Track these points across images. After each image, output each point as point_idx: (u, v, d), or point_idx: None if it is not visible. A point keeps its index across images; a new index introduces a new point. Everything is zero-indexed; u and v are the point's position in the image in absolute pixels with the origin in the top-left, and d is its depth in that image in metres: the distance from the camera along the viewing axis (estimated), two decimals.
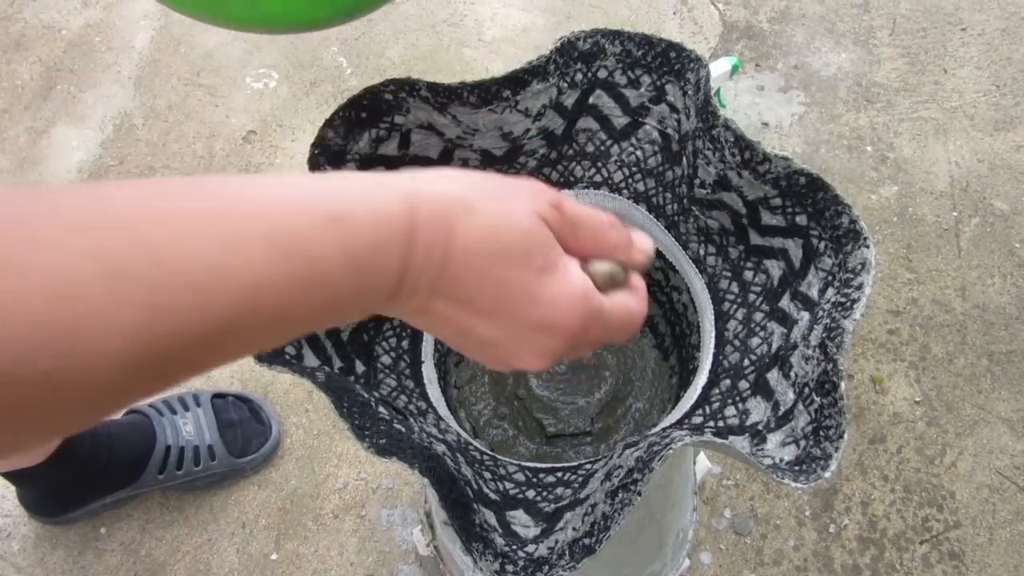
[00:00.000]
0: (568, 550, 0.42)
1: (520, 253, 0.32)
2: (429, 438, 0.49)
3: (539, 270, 0.33)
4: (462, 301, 0.32)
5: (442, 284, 0.31)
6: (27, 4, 1.62)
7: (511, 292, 0.32)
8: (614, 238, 0.37)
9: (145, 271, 0.23)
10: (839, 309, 0.45)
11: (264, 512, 1.06)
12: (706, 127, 0.53)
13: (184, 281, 0.24)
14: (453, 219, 0.31)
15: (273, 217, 0.27)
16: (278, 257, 0.26)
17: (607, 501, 0.42)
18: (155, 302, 0.23)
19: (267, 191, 0.28)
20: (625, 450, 0.45)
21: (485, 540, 0.44)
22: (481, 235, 0.31)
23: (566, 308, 0.33)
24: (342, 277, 0.28)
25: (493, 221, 0.32)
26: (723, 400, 0.54)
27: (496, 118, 0.57)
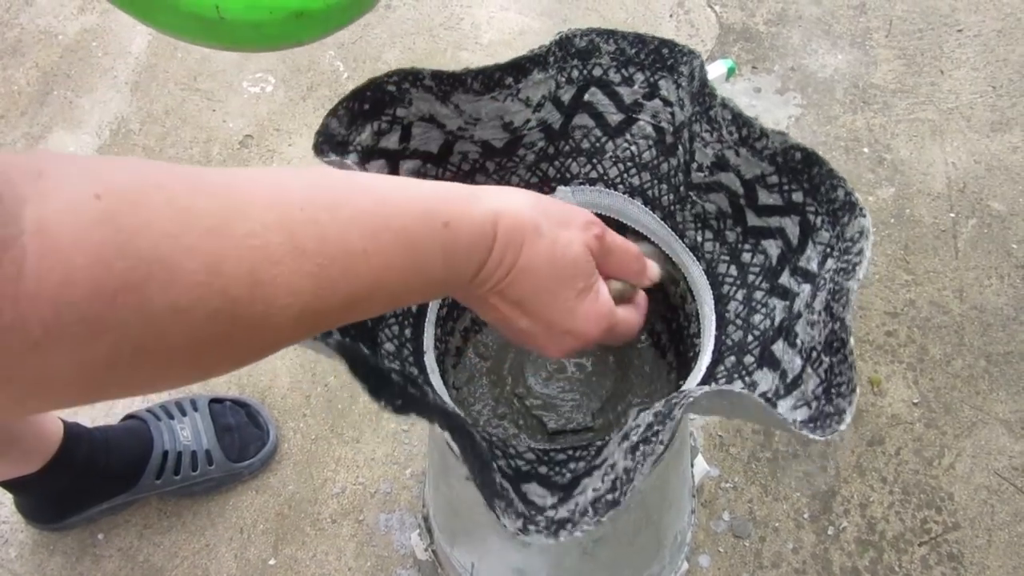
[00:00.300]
0: (591, 507, 0.41)
1: (569, 276, 0.42)
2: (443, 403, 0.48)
3: (579, 291, 0.42)
4: (515, 301, 0.41)
5: (504, 286, 0.40)
6: (23, 9, 1.62)
7: (555, 303, 0.42)
8: (635, 267, 0.48)
9: (315, 248, 0.30)
10: (841, 274, 0.45)
11: (262, 517, 1.06)
12: (703, 109, 0.53)
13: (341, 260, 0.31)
14: (524, 236, 0.39)
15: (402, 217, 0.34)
16: (402, 250, 0.34)
17: (627, 457, 0.41)
18: (319, 272, 0.30)
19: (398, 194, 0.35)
20: (640, 413, 0.45)
21: (507, 499, 0.43)
22: (543, 255, 0.40)
23: (594, 323, 0.43)
24: (439, 270, 0.37)
25: (554, 246, 0.41)
26: (729, 376, 0.54)
27: (498, 106, 0.58)
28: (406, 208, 0.35)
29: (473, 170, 0.62)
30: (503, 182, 0.63)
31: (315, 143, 0.50)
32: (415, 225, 0.35)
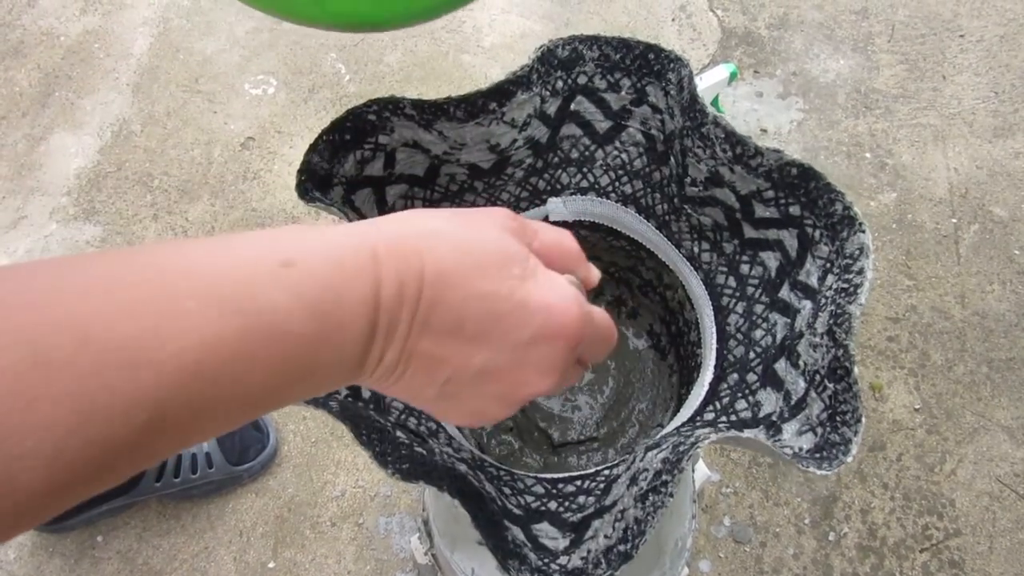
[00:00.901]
0: (604, 558, 0.41)
1: (497, 263, 0.30)
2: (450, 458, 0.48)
3: (521, 278, 0.30)
4: (450, 329, 0.29)
5: (425, 314, 0.29)
6: (25, 11, 1.62)
7: (500, 306, 0.30)
8: (575, 250, 0.36)
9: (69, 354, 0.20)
10: (843, 295, 0.45)
11: (262, 520, 1.06)
12: (695, 125, 0.53)
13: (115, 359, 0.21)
14: (420, 246, 0.29)
15: (213, 272, 0.24)
16: (221, 314, 0.23)
17: (637, 505, 0.41)
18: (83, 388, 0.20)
19: (207, 248, 0.25)
20: (647, 453, 0.45)
21: (520, 556, 0.43)
22: (453, 254, 0.29)
23: (561, 309, 0.31)
24: (302, 324, 0.25)
25: (461, 239, 0.30)
26: (732, 394, 0.54)
27: (483, 131, 0.57)
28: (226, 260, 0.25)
29: (462, 190, 0.61)
30: (493, 199, 0.63)
31: (298, 183, 0.49)
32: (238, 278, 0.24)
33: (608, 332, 0.35)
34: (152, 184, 1.38)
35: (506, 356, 0.30)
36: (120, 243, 1.32)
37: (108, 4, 1.62)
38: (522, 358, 0.31)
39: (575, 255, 0.35)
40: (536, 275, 0.31)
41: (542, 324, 0.30)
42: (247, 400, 0.25)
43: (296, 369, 0.26)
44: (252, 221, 1.34)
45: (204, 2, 1.62)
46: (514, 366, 0.31)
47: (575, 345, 0.32)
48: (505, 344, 0.30)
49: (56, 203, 1.37)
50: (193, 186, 1.38)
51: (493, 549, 0.41)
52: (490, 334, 0.30)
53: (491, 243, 0.30)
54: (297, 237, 0.27)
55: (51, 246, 1.32)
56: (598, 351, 0.35)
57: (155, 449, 0.23)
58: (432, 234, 0.29)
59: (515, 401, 0.32)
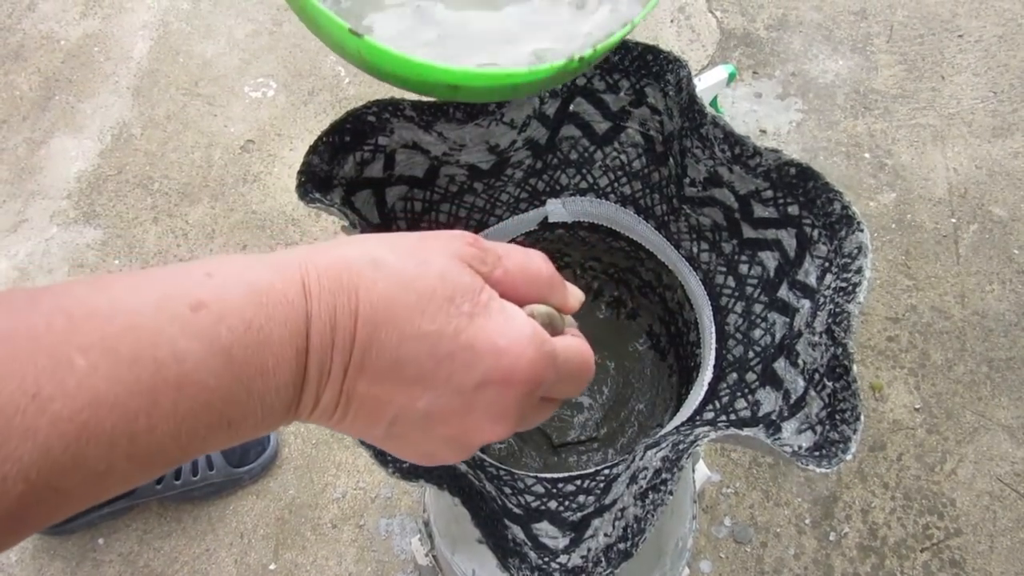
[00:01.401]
0: (604, 556, 0.41)
1: (443, 298, 0.27)
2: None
3: (470, 315, 0.27)
4: (388, 372, 0.27)
5: (360, 357, 0.26)
6: (26, 15, 1.62)
7: (443, 347, 0.27)
8: (547, 274, 0.32)
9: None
10: (841, 294, 0.45)
11: (262, 522, 1.06)
12: (693, 126, 0.53)
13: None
14: (357, 278, 0.26)
15: (117, 319, 0.21)
16: (117, 368, 0.21)
17: (637, 503, 0.41)
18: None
19: (123, 286, 0.23)
20: (647, 451, 0.45)
21: (520, 555, 0.43)
22: (392, 290, 0.26)
23: (513, 351, 0.28)
24: (215, 374, 0.23)
25: (404, 270, 0.27)
26: (732, 393, 0.54)
27: (482, 132, 0.57)
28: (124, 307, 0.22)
29: (461, 191, 0.62)
30: (492, 200, 0.63)
31: (298, 185, 0.49)
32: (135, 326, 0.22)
33: (580, 368, 0.32)
34: (152, 187, 1.39)
35: (452, 400, 0.28)
36: (120, 246, 1.32)
37: (108, 8, 1.63)
38: (469, 403, 0.28)
39: (545, 280, 0.32)
40: (489, 311, 0.28)
41: (491, 368, 0.27)
42: (154, 457, 0.22)
43: (211, 421, 0.23)
44: (252, 223, 1.34)
45: (204, 5, 1.62)
46: (461, 411, 0.28)
47: (530, 390, 0.29)
48: (449, 388, 0.27)
49: (57, 206, 1.37)
50: (193, 189, 1.38)
51: (493, 548, 0.41)
52: (433, 377, 0.27)
53: (437, 276, 0.27)
54: (215, 271, 0.24)
55: (52, 249, 1.32)
56: (568, 389, 0.32)
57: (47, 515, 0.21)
58: (371, 266, 0.27)
59: (467, 446, 0.30)
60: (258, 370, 0.24)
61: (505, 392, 0.28)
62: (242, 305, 0.24)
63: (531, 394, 0.29)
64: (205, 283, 0.24)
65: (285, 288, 0.25)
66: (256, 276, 0.25)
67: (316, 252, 0.27)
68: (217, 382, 0.23)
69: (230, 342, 0.23)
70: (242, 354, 0.23)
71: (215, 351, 0.23)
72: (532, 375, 0.28)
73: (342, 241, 0.28)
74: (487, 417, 0.28)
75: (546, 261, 0.32)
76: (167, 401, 0.22)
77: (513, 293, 0.30)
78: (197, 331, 0.23)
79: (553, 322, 0.32)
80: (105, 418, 0.21)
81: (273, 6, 1.61)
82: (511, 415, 0.29)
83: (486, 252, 0.30)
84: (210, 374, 0.23)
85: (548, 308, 0.32)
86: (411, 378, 0.27)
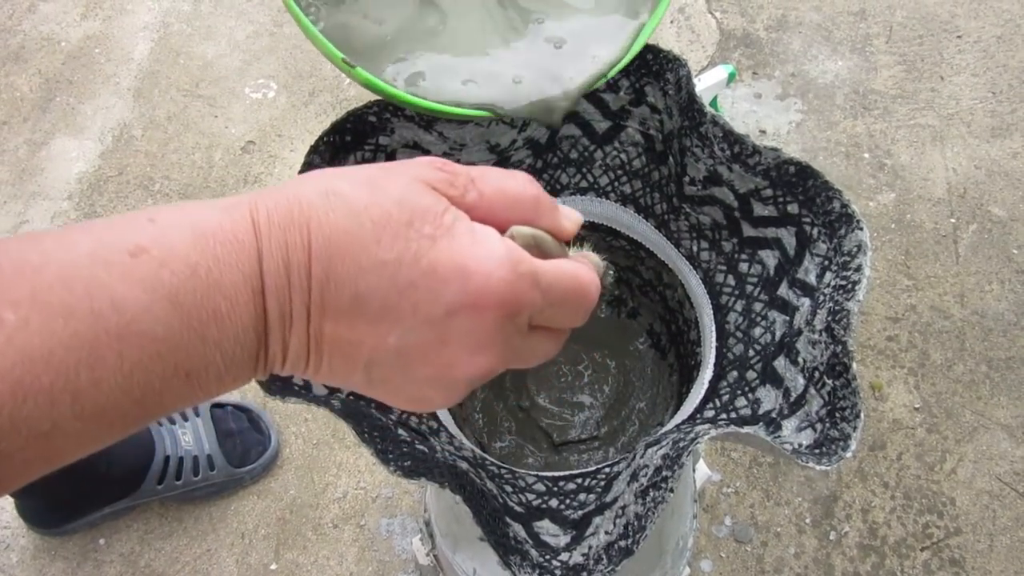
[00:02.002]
0: (605, 554, 0.42)
1: (399, 224, 0.25)
2: (452, 456, 0.49)
3: (432, 238, 0.25)
4: (351, 308, 0.24)
5: (320, 293, 0.24)
6: (26, 16, 1.63)
7: (403, 274, 0.24)
8: (530, 194, 0.28)
9: None
10: (841, 292, 0.45)
11: (263, 522, 1.06)
12: (693, 124, 0.53)
13: None
14: (308, 211, 0.24)
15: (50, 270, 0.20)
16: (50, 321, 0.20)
17: (638, 501, 0.42)
18: None
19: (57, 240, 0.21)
20: (647, 449, 0.45)
21: (522, 553, 0.44)
22: (345, 221, 0.24)
23: (481, 271, 0.25)
24: (160, 323, 0.21)
25: (358, 199, 0.25)
26: (732, 391, 0.55)
27: (483, 131, 0.58)
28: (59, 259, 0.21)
29: None
30: None
31: None
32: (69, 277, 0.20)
33: (572, 291, 0.28)
34: (153, 188, 1.39)
35: (423, 333, 0.25)
36: None
37: (109, 9, 1.63)
38: (442, 334, 0.25)
39: (529, 202, 0.28)
40: (453, 233, 0.25)
41: (458, 293, 0.25)
42: (106, 414, 0.21)
43: (164, 373, 0.22)
44: None
45: (204, 7, 1.63)
46: (436, 344, 0.26)
47: (510, 313, 0.26)
48: (417, 320, 0.25)
49: (58, 207, 1.37)
50: (194, 190, 1.38)
51: (495, 546, 0.41)
52: (397, 309, 0.25)
53: (393, 201, 0.25)
54: (158, 217, 0.23)
55: None
56: (566, 314, 0.29)
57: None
58: (323, 197, 0.25)
59: (452, 384, 0.27)
60: (210, 315, 0.22)
61: (478, 318, 0.25)
62: (187, 248, 0.22)
63: (511, 319, 0.26)
64: (145, 228, 0.22)
65: (234, 228, 0.23)
66: (202, 218, 0.23)
67: (269, 190, 0.25)
68: (165, 331, 0.21)
69: (175, 287, 0.22)
70: (190, 299, 0.22)
71: (158, 298, 0.21)
72: (506, 297, 0.25)
73: (299, 178, 0.26)
74: (465, 348, 0.26)
75: (531, 182, 0.29)
76: (110, 354, 0.20)
77: (492, 218, 0.27)
78: (138, 278, 0.21)
79: (542, 245, 0.29)
80: (41, 374, 0.19)
81: (273, 8, 1.61)
82: (493, 344, 0.26)
83: (456, 175, 0.27)
84: (156, 322, 0.21)
85: (534, 230, 0.29)
86: (376, 314, 0.25)
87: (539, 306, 0.27)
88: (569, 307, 0.28)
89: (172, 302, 0.21)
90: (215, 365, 0.23)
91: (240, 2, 1.63)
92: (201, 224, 0.23)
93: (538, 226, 0.29)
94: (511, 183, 0.28)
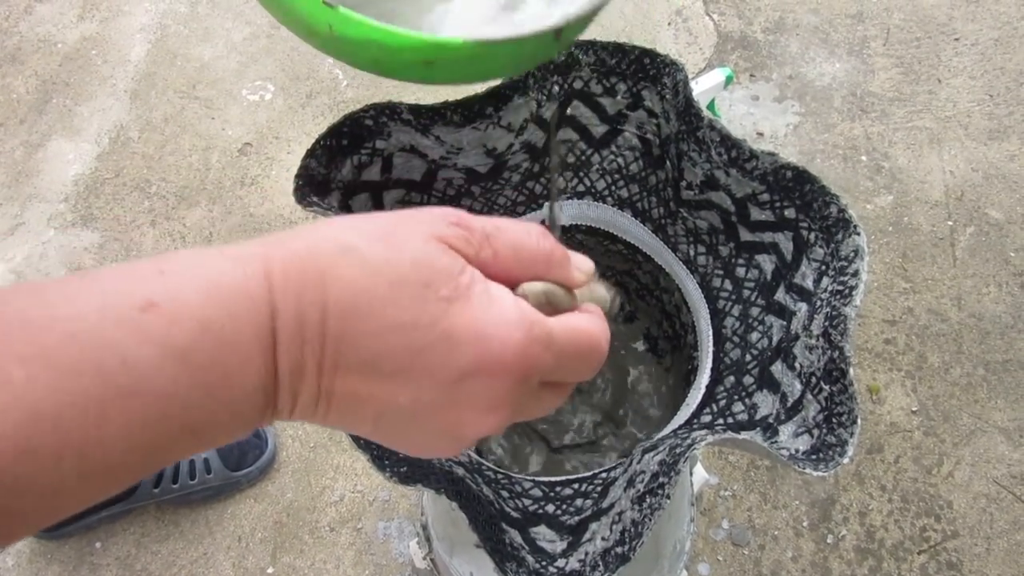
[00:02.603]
0: (601, 560, 0.42)
1: (416, 285, 0.25)
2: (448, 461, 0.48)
3: (448, 300, 0.25)
4: (365, 366, 0.25)
5: (334, 352, 0.24)
6: (23, 18, 1.62)
7: (418, 337, 0.25)
8: (545, 250, 0.29)
9: None
10: (838, 297, 0.45)
11: (260, 525, 1.06)
12: (690, 129, 0.53)
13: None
14: (323, 268, 0.24)
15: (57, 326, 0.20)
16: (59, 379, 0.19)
17: (634, 507, 0.42)
18: None
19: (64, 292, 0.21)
20: (644, 455, 0.45)
21: (518, 559, 0.43)
22: (362, 279, 0.24)
23: (498, 337, 0.25)
24: (169, 380, 0.21)
25: (373, 256, 0.25)
26: (729, 396, 0.54)
27: (480, 135, 0.57)
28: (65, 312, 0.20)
29: (459, 195, 0.62)
30: (490, 204, 0.64)
31: (295, 188, 0.49)
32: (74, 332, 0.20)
33: (584, 349, 0.28)
34: (150, 190, 1.39)
35: (435, 395, 0.26)
36: (118, 249, 1.32)
37: (106, 11, 1.63)
38: (454, 396, 0.26)
39: (543, 258, 0.29)
40: (470, 295, 0.26)
41: (473, 359, 0.25)
42: (112, 472, 0.21)
43: (170, 432, 0.22)
44: (250, 226, 1.34)
45: (201, 9, 1.62)
46: (447, 405, 0.26)
47: (524, 377, 0.26)
48: (431, 382, 0.25)
49: (54, 209, 1.37)
50: (191, 192, 1.38)
51: (491, 552, 0.41)
52: (411, 371, 0.25)
53: (409, 261, 0.25)
54: (168, 267, 0.22)
55: (49, 252, 1.32)
56: (576, 370, 0.29)
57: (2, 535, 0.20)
58: (338, 253, 0.25)
59: (461, 439, 0.27)
60: (221, 373, 0.22)
61: (492, 383, 0.26)
62: (198, 303, 0.22)
63: (524, 382, 0.26)
64: (156, 280, 0.22)
65: (247, 283, 0.23)
66: (214, 270, 0.23)
67: (281, 241, 0.25)
68: (175, 388, 0.21)
69: (186, 345, 0.21)
70: (201, 357, 0.21)
71: (168, 355, 0.21)
72: (521, 362, 0.26)
73: (310, 227, 0.26)
74: (476, 409, 0.26)
75: (545, 235, 0.29)
76: (118, 413, 0.20)
77: (505, 275, 0.28)
78: (147, 335, 0.21)
79: (553, 300, 0.29)
80: (48, 434, 0.19)
81: None
82: (503, 406, 0.26)
83: (471, 231, 0.27)
84: (165, 380, 0.21)
85: (546, 285, 0.29)
86: (389, 373, 0.25)
87: (551, 367, 0.27)
88: (580, 364, 0.29)
89: (182, 360, 0.21)
90: (221, 421, 0.23)
91: (237, 4, 1.63)
92: (213, 277, 0.23)
93: (550, 279, 0.29)
94: (526, 240, 0.28)
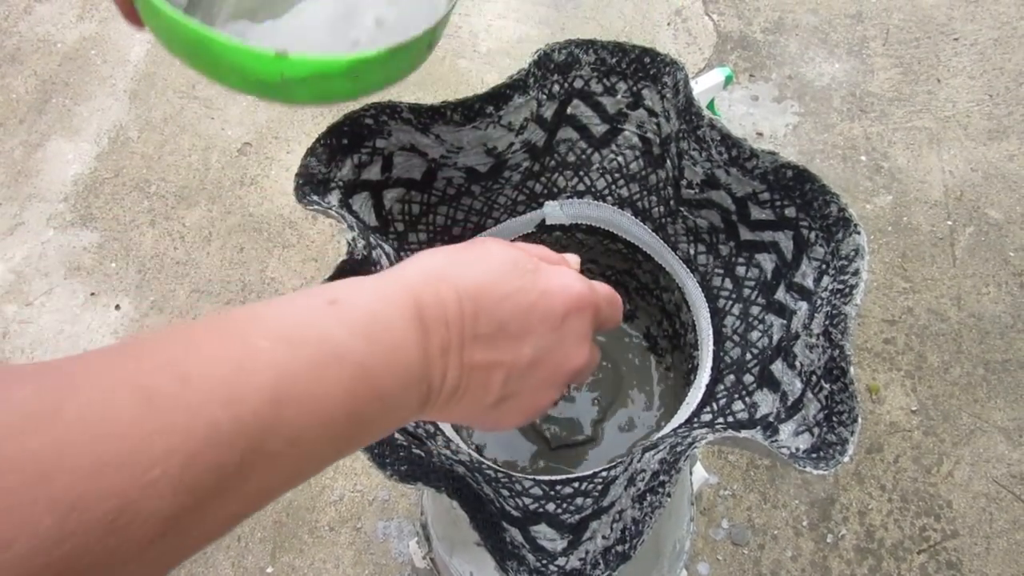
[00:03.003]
0: (602, 559, 0.42)
1: (509, 266, 0.35)
2: (448, 460, 0.48)
3: (532, 271, 0.35)
4: (496, 332, 0.33)
5: (473, 328, 0.32)
6: (22, 18, 1.62)
7: (528, 298, 0.34)
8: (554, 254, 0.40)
9: (175, 391, 0.23)
10: (838, 296, 0.45)
11: (260, 525, 1.06)
12: (690, 128, 0.53)
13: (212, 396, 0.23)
14: (440, 273, 0.33)
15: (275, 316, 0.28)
16: (289, 347, 0.26)
17: (635, 506, 0.42)
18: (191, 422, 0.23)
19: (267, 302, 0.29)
20: (644, 454, 0.45)
21: (518, 558, 0.44)
22: (473, 272, 0.33)
23: (577, 286, 0.36)
24: (358, 349, 0.28)
25: (472, 259, 0.34)
26: (729, 395, 0.54)
27: (480, 134, 0.57)
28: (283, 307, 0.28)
29: (459, 194, 0.62)
30: (489, 203, 0.64)
31: (296, 187, 0.49)
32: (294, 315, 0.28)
33: (613, 297, 0.40)
34: (149, 190, 1.39)
35: (550, 338, 0.35)
36: (117, 249, 1.32)
37: (105, 11, 1.63)
38: (562, 336, 0.35)
39: (556, 258, 0.40)
40: (541, 268, 0.36)
41: (566, 300, 0.35)
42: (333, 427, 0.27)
43: (366, 394, 0.28)
44: (249, 226, 1.34)
45: None
46: (557, 344, 0.35)
47: (596, 312, 0.37)
48: (545, 328, 0.35)
49: (53, 209, 1.37)
50: (190, 192, 1.38)
51: (491, 550, 0.41)
52: (531, 324, 0.34)
53: (500, 252, 0.35)
54: (339, 284, 0.31)
55: (48, 252, 1.32)
56: (611, 316, 0.40)
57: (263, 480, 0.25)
58: (445, 263, 0.33)
59: (561, 380, 0.37)
60: (391, 346, 0.29)
61: (583, 315, 0.36)
62: (365, 298, 0.30)
63: (595, 316, 0.37)
64: (334, 288, 0.30)
65: (393, 286, 0.31)
66: (367, 281, 0.31)
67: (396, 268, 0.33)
68: (361, 358, 0.28)
69: (364, 325, 0.29)
70: (374, 334, 0.29)
71: (354, 332, 0.28)
72: (594, 299, 0.37)
73: (409, 260, 0.35)
74: (575, 343, 0.36)
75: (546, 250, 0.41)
76: (332, 372, 0.27)
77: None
78: (339, 318, 0.28)
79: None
80: (292, 388, 0.25)
81: None
82: (588, 336, 0.37)
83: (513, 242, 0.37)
84: (355, 349, 0.28)
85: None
86: (515, 332, 0.34)
87: (602, 307, 0.38)
88: (613, 309, 0.40)
89: (364, 336, 0.28)
90: (398, 393, 0.30)
91: None
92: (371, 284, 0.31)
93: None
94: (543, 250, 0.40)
